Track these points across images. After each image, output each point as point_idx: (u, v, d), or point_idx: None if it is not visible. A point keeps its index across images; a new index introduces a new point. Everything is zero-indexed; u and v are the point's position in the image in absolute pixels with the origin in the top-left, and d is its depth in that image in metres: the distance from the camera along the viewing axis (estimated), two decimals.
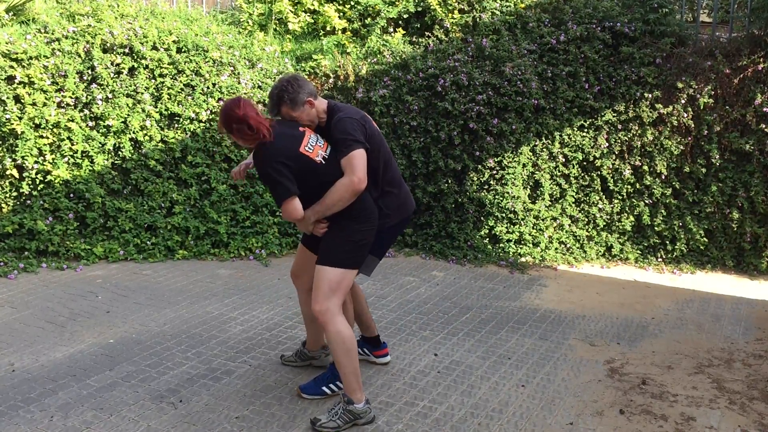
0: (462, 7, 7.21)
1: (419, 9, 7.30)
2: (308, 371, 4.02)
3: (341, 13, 7.51)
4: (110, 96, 6.16)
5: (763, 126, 6.11)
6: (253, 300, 5.26)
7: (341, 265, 3.41)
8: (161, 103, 6.30)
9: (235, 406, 3.60)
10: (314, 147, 3.36)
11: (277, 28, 7.48)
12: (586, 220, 6.68)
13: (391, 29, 7.39)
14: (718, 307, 5.43)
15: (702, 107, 6.28)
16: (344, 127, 3.38)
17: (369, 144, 3.43)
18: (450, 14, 7.15)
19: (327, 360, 4.04)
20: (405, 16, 7.32)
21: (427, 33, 7.22)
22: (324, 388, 3.71)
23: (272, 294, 5.42)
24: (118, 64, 6.23)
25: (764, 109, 6.10)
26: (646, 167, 6.46)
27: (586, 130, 6.59)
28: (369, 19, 7.42)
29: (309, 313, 3.79)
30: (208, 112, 6.40)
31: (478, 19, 7.07)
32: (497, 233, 6.65)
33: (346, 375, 3.40)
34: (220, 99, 6.45)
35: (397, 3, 7.28)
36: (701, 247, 6.46)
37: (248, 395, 3.72)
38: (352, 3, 7.50)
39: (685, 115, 6.33)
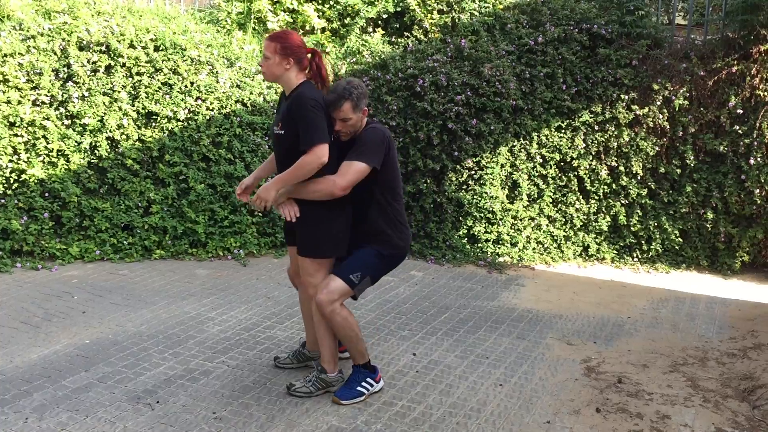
0: (441, 7, 7.23)
1: (398, 9, 7.31)
2: (292, 373, 4.01)
3: (320, 13, 7.50)
4: (86, 94, 6.10)
5: (737, 128, 6.20)
6: (231, 300, 5.24)
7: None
8: (138, 102, 6.25)
9: (213, 407, 3.58)
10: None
11: (256, 27, 7.45)
12: (564, 220, 6.74)
13: (371, 29, 7.39)
14: (693, 306, 5.51)
15: (677, 109, 6.36)
16: (373, 138, 3.50)
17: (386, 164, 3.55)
18: (429, 15, 7.17)
19: None
20: (384, 16, 7.33)
21: (406, 33, 7.24)
22: (359, 389, 3.69)
23: (250, 294, 5.40)
24: (94, 62, 6.16)
25: (738, 111, 6.19)
26: (622, 168, 6.53)
27: (563, 130, 6.65)
28: (348, 18, 7.42)
29: (310, 312, 3.79)
30: (186, 110, 6.35)
31: (457, 20, 7.10)
32: (476, 233, 6.68)
33: (327, 348, 3.69)
34: (198, 98, 6.40)
35: (376, 3, 7.28)
36: (676, 247, 6.54)
37: (226, 396, 3.71)
38: (332, 2, 7.49)
39: (661, 116, 6.40)
